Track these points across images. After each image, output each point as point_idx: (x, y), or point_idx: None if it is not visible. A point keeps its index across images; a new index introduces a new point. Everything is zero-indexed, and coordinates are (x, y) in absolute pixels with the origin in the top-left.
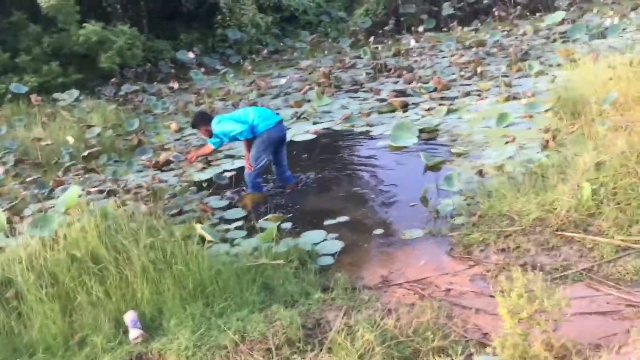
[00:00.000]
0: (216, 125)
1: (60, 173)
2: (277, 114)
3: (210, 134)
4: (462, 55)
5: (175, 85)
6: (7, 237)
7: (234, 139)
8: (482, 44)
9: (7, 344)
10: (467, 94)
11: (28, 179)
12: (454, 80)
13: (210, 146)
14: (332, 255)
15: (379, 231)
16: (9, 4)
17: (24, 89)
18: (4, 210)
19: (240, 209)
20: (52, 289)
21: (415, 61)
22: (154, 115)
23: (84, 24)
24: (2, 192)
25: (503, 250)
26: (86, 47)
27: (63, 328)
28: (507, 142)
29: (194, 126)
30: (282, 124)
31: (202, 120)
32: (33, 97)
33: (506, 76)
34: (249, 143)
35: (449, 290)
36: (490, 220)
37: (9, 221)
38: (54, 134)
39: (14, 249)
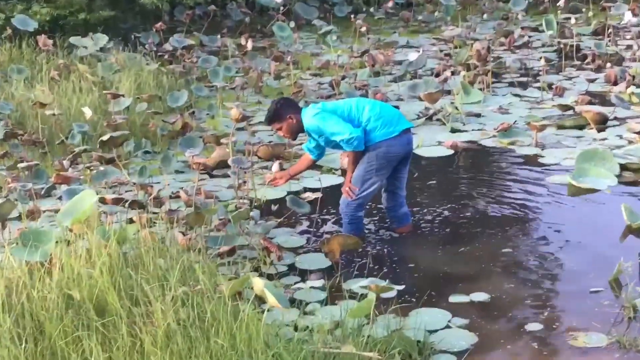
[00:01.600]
0: (313, 119)
1: (66, 162)
2: (405, 116)
3: (295, 130)
4: None
5: (249, 43)
6: None
7: (334, 146)
8: None
9: None
10: None
11: (20, 165)
12: None
13: (308, 157)
14: (457, 354)
15: (534, 326)
16: None
17: (32, 25)
18: None
19: (323, 255)
20: (32, 345)
21: (629, 48)
22: (210, 87)
23: None
24: None
25: None
26: None
27: None
28: None
29: (271, 120)
30: (411, 133)
31: (285, 110)
32: (42, 38)
33: None
34: (356, 156)
35: None
36: None
37: None
38: (65, 99)
39: None
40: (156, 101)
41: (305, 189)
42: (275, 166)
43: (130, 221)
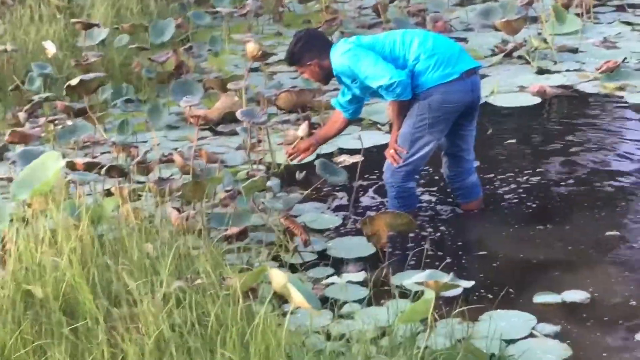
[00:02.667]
0: (342, 58)
1: (22, 114)
2: (468, 52)
3: (324, 75)
4: None
5: None
6: None
7: (374, 94)
8: None
9: None
10: None
11: None
12: None
13: (339, 117)
14: None
15: None
16: None
17: None
18: None
19: (364, 239)
20: None
21: None
22: (214, 13)
23: None
24: None
25: None
26: None
27: None
28: None
29: (291, 62)
30: (478, 76)
31: (308, 50)
32: None
33: None
34: (402, 108)
35: None
36: None
37: None
38: (20, 30)
39: None
40: (141, 33)
41: (341, 151)
42: (302, 129)
43: (108, 193)
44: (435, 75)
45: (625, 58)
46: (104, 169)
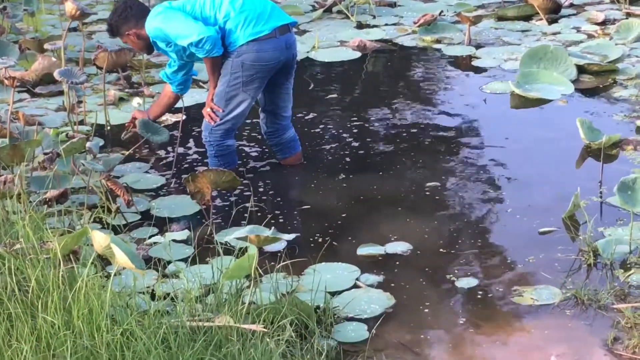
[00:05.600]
0: (154, 21)
1: None
2: (286, 9)
3: (146, 45)
4: None
5: None
6: None
7: (190, 57)
8: None
9: None
10: None
11: None
12: None
13: (168, 92)
14: (368, 321)
15: (468, 282)
16: None
17: None
18: None
19: (188, 197)
20: None
21: None
22: None
23: None
24: None
25: None
26: None
27: None
28: None
29: (112, 31)
30: (291, 33)
31: (130, 17)
32: None
33: None
34: (216, 65)
35: None
36: None
37: None
38: None
39: None
40: None
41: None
42: (135, 101)
43: None
44: (245, 33)
45: (442, 11)
46: None
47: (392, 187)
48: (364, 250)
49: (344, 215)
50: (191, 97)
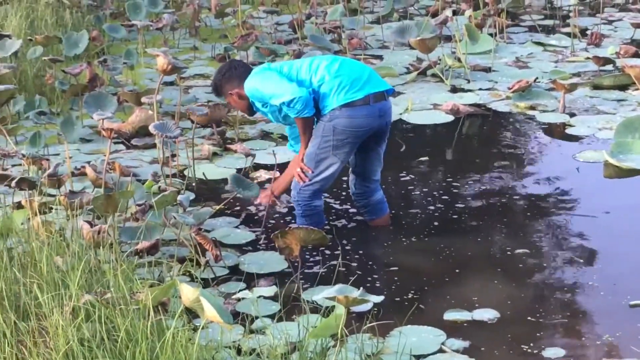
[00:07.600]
0: (252, 81)
1: None
2: (377, 74)
3: (247, 105)
4: None
5: None
6: None
7: (286, 118)
8: None
9: None
10: None
11: None
12: None
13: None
14: None
15: (554, 352)
16: None
17: None
18: None
19: (276, 254)
20: None
21: None
22: (129, 26)
23: None
24: None
25: None
26: None
27: None
28: None
29: (216, 91)
30: (387, 100)
31: (233, 77)
32: None
33: None
34: (307, 126)
35: None
36: None
37: None
38: None
39: None
40: (55, 45)
41: (256, 166)
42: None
43: (19, 206)
44: (338, 97)
45: (536, 78)
46: (14, 181)
47: (480, 252)
48: (450, 315)
49: (431, 278)
50: (284, 155)
